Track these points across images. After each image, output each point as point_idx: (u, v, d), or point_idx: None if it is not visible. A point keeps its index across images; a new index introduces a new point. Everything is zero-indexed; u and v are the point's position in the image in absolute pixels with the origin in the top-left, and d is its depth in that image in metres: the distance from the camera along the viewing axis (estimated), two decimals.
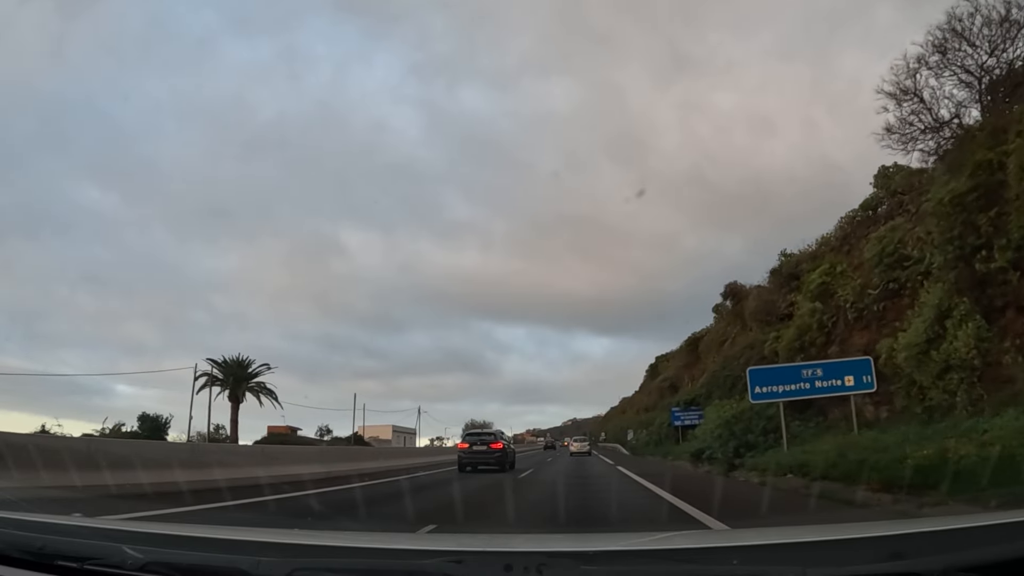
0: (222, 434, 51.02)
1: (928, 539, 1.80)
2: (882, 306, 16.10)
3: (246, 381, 49.19)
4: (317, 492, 12.19)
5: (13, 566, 1.79)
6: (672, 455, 27.17)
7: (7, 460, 8.54)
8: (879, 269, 16.16)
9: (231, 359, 49.22)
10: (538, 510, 10.02)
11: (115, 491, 9.55)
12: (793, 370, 16.05)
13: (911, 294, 14.69)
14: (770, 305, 25.31)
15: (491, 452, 21.79)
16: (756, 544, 1.97)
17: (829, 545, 1.89)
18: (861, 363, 14.90)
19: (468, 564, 1.68)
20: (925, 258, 14.18)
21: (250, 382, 49.56)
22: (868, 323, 16.82)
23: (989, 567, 1.43)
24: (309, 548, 2.10)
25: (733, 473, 15.80)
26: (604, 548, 2.02)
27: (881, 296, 16.09)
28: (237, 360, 49.44)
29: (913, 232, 15.31)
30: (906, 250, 15.19)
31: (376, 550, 2.12)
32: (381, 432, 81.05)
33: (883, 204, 20.13)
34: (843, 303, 17.86)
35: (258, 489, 10.86)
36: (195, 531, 2.58)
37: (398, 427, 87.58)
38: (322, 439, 67.08)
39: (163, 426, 49.84)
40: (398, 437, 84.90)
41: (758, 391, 15.98)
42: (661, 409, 42.26)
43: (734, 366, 26.75)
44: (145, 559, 1.71)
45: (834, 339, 18.65)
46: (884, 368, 14.22)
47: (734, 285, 35.13)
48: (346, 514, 9.30)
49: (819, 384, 15.26)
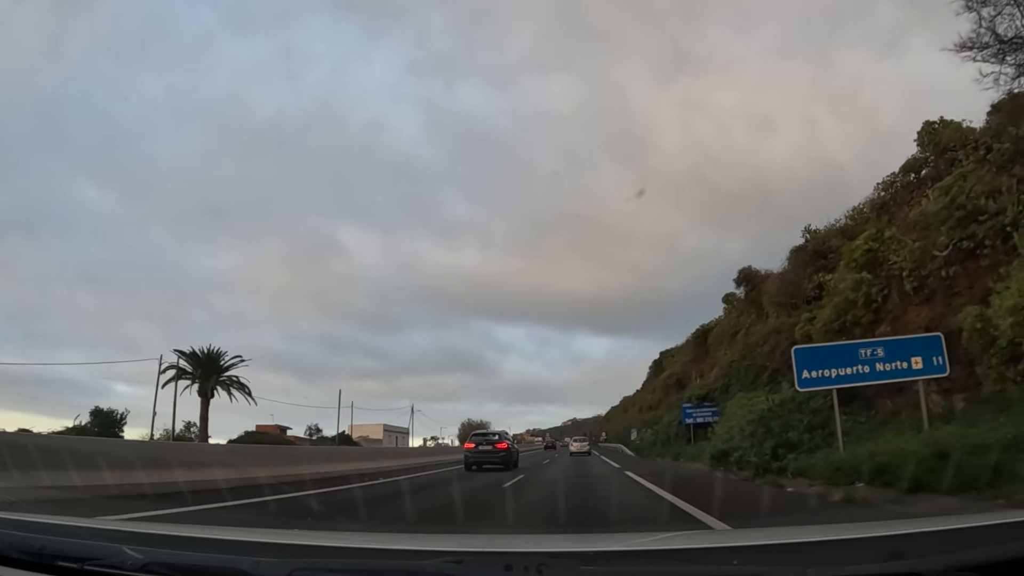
0: (192, 432, 47.91)
1: (928, 539, 1.80)
2: (952, 271, 13.38)
3: (216, 375, 45.56)
4: (277, 498, 10.39)
5: (13, 567, 1.79)
6: (684, 456, 24.55)
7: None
8: (947, 226, 13.28)
9: (201, 351, 45.54)
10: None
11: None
12: (848, 350, 13.08)
13: (992, 254, 12.15)
14: (794, 287, 22.81)
15: (496, 452, 22.65)
16: (756, 544, 1.97)
17: (829, 545, 1.89)
18: (930, 341, 12.40)
19: (468, 564, 1.68)
20: (1007, 208, 11.87)
21: (221, 376, 46.01)
22: (931, 293, 14.20)
23: (989, 567, 1.43)
24: (308, 548, 2.10)
25: (766, 479, 13.17)
26: (604, 548, 2.02)
27: (951, 259, 13.32)
28: (207, 352, 45.71)
29: (990, 179, 12.78)
30: (981, 201, 12.62)
31: (376, 550, 2.12)
32: (372, 431, 79.02)
33: (928, 164, 17.80)
34: (897, 272, 14.97)
35: (218, 494, 10.12)
36: (195, 531, 2.58)
37: (390, 426, 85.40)
38: (311, 438, 65.35)
39: (118, 422, 46.08)
40: (389, 437, 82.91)
41: (806, 376, 13.03)
42: (668, 406, 40.73)
43: (756, 355, 24.35)
44: (145, 559, 1.71)
45: (884, 317, 15.78)
46: (968, 344, 11.59)
47: (748, 271, 32.83)
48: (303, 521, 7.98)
49: (880, 367, 12.51)
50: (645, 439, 42.86)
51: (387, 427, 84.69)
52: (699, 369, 40.73)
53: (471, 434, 26.84)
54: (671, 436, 33.31)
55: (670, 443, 32.55)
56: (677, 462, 24.49)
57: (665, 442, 34.26)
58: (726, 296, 38.09)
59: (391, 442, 78.78)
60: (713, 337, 39.07)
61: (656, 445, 36.34)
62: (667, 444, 33.19)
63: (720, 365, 33.24)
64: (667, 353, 59.21)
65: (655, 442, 37.73)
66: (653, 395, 56.50)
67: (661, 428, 37.89)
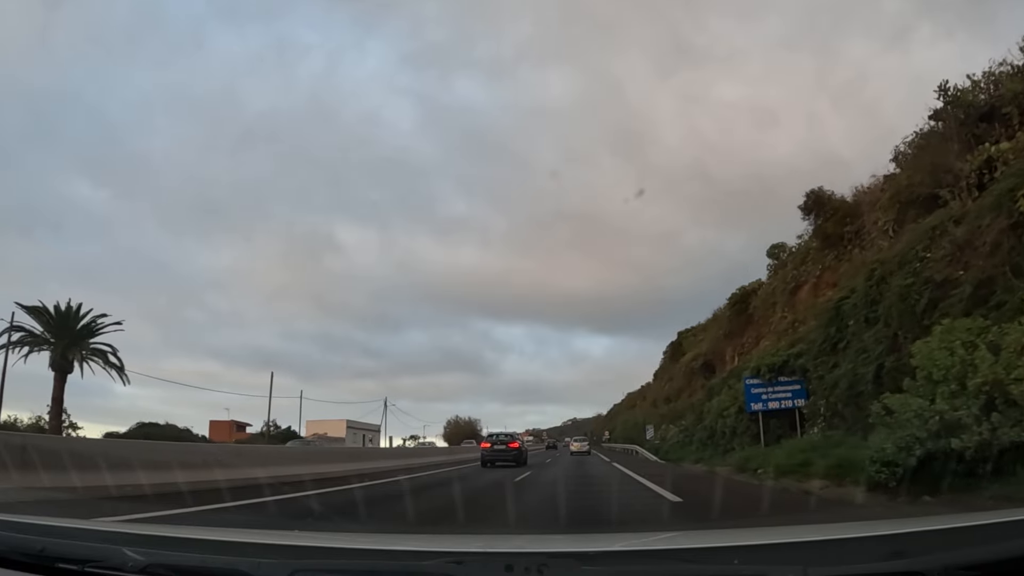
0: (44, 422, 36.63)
1: (928, 538, 1.80)
2: None
3: (78, 342, 34.38)
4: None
5: (13, 569, 1.79)
6: (765, 467, 13.42)
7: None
8: None
9: (56, 307, 34.33)
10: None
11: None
12: None
13: None
14: (934, 174, 15.30)
15: (509, 450, 26.07)
16: (757, 544, 1.97)
17: (830, 544, 1.90)
18: None
19: (468, 564, 1.68)
20: None
21: (89, 343, 35.02)
22: None
23: (989, 566, 1.43)
24: (309, 550, 2.11)
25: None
26: (605, 548, 2.03)
27: None
28: (67, 309, 34.44)
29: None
30: None
31: (376, 551, 2.13)
32: (333, 428, 68.12)
33: None
34: None
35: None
36: (195, 533, 2.58)
37: (355, 423, 73.57)
38: (263, 435, 57.57)
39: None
40: (355, 434, 71.78)
41: None
42: (695, 395, 33.81)
43: (907, 273, 12.60)
44: (146, 561, 1.71)
45: None
46: None
47: (819, 192, 24.01)
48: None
49: None
50: (668, 437, 33.35)
51: (352, 423, 72.88)
52: (738, 345, 32.37)
53: (487, 435, 30.67)
54: (716, 433, 22.90)
55: (714, 442, 22.97)
56: (757, 478, 13.54)
57: (705, 441, 24.44)
58: (772, 248, 30.86)
59: (357, 441, 68.34)
60: (759, 300, 30.31)
61: (691, 445, 26.62)
62: (707, 444, 23.89)
63: (775, 333, 24.93)
64: (687, 333, 50.18)
65: (684, 442, 28.60)
66: (671, 384, 48.04)
67: (692, 423, 28.85)
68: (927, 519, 2.25)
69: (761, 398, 18.62)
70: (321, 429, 66.03)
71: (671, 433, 33.22)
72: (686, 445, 27.64)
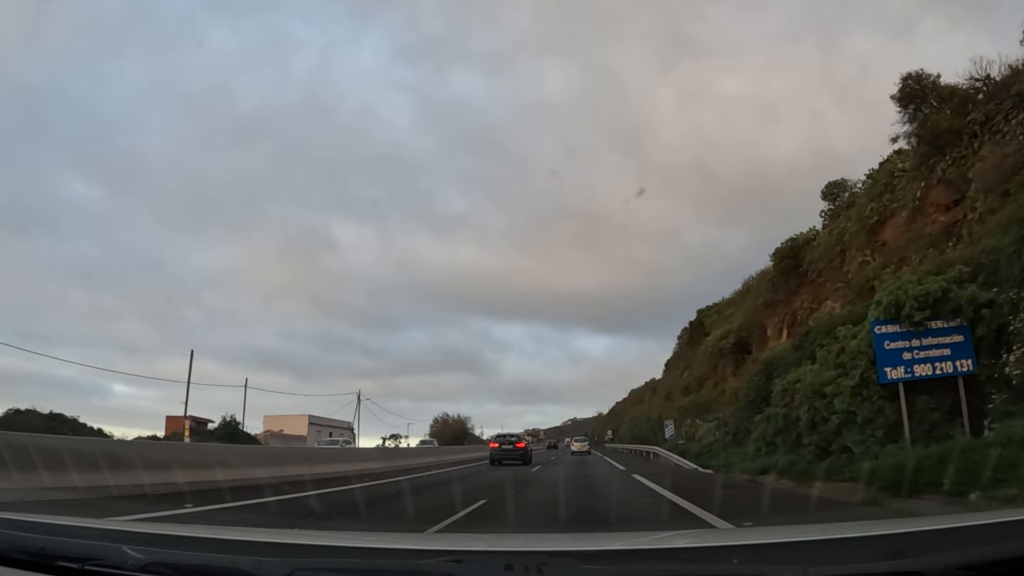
0: None
1: (928, 538, 1.80)
2: None
3: None
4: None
5: (14, 567, 1.79)
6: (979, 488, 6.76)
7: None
8: None
9: None
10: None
11: None
12: None
13: None
14: None
15: (516, 450, 27.62)
16: (757, 543, 1.97)
17: (830, 544, 1.90)
18: None
19: (468, 564, 1.68)
20: None
21: None
22: None
23: (989, 566, 1.43)
24: (310, 548, 2.10)
25: None
26: (605, 548, 2.03)
27: None
28: None
29: None
30: None
31: (376, 550, 2.13)
32: (293, 424, 60.27)
33: None
34: None
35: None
36: (196, 531, 2.58)
37: (318, 418, 64.46)
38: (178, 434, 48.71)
39: None
40: (319, 431, 63.59)
41: None
42: (725, 381, 28.81)
43: None
44: (146, 559, 1.71)
45: None
46: None
47: (920, 76, 17.53)
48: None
49: None
50: (700, 435, 25.39)
51: (315, 419, 64.47)
52: (786, 314, 25.92)
53: (495, 436, 31.91)
54: (802, 424, 13.24)
55: (794, 440, 13.75)
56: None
57: (773, 442, 15.06)
58: (829, 187, 25.60)
59: (321, 439, 59.65)
60: (819, 252, 24.04)
61: (736, 447, 19.50)
62: (775, 445, 14.91)
63: (851, 288, 19.31)
64: (709, 311, 42.34)
65: (729, 441, 21.29)
66: (690, 372, 40.86)
67: (736, 413, 21.18)
68: (927, 519, 2.25)
69: (902, 358, 11.10)
70: (279, 425, 59.10)
71: (702, 430, 25.45)
72: (731, 446, 20.40)
